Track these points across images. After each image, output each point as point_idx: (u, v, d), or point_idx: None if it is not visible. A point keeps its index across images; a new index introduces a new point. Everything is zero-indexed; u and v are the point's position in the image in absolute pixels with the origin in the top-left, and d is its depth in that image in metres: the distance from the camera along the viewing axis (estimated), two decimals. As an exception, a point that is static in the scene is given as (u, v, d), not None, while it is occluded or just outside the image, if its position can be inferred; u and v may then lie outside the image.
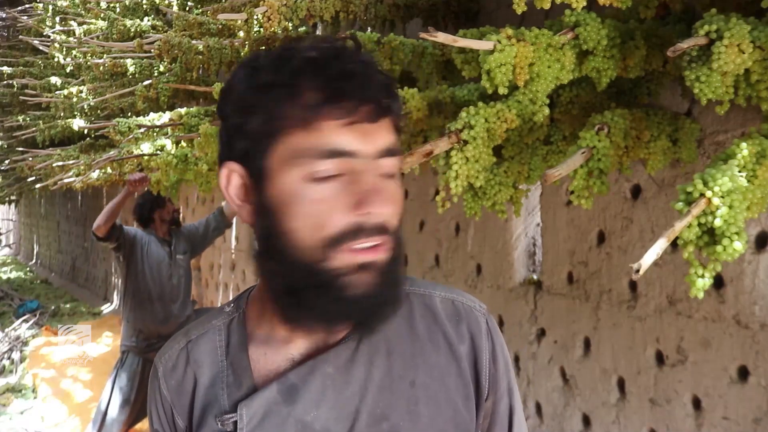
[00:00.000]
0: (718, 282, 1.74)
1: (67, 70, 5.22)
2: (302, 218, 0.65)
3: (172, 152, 2.96)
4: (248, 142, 0.68)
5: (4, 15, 8.41)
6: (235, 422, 0.69)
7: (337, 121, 0.64)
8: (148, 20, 3.78)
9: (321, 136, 0.64)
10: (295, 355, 0.73)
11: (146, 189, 3.62)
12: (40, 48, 5.31)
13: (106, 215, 3.37)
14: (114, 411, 3.55)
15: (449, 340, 0.76)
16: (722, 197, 1.05)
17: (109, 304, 8.34)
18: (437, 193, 2.71)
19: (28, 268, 13.30)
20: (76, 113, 4.82)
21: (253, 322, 0.77)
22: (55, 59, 5.01)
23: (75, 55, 4.27)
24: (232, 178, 0.71)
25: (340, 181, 0.65)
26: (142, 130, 3.09)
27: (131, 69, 3.32)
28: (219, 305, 5.43)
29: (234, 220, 5.06)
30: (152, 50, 2.66)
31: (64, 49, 4.36)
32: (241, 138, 0.69)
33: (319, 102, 0.64)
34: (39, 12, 5.71)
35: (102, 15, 3.74)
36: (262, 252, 0.70)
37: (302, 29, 2.96)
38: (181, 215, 6.15)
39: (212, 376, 0.74)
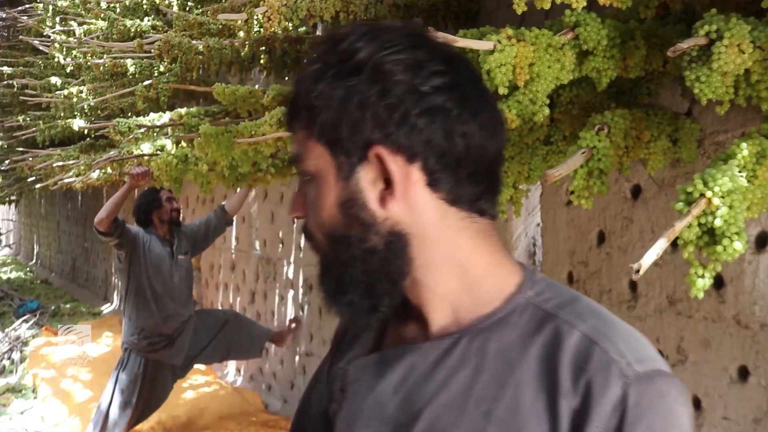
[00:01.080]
0: (718, 282, 1.74)
1: (67, 70, 5.22)
2: None
3: (172, 152, 2.96)
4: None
5: (4, 15, 8.41)
6: (345, 374, 0.73)
7: None
8: (148, 20, 3.78)
9: None
10: (404, 333, 0.71)
11: (146, 186, 3.62)
12: (40, 48, 5.31)
13: (108, 209, 3.36)
14: (116, 412, 3.55)
15: (555, 387, 0.60)
16: (722, 197, 1.05)
17: (109, 304, 8.35)
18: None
19: (28, 268, 13.30)
20: (76, 113, 4.83)
21: None
22: (55, 59, 5.02)
23: (75, 55, 4.27)
24: None
25: None
26: (142, 130, 3.09)
27: (131, 69, 3.32)
28: (219, 305, 5.43)
29: (235, 219, 5.06)
30: (152, 50, 2.66)
31: (64, 49, 4.37)
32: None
33: None
34: (39, 12, 5.71)
35: (102, 15, 3.74)
36: None
37: (302, 29, 2.96)
38: (181, 216, 6.16)
39: (359, 331, 0.78)
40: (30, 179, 7.18)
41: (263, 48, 2.74)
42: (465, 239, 0.66)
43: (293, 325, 4.19)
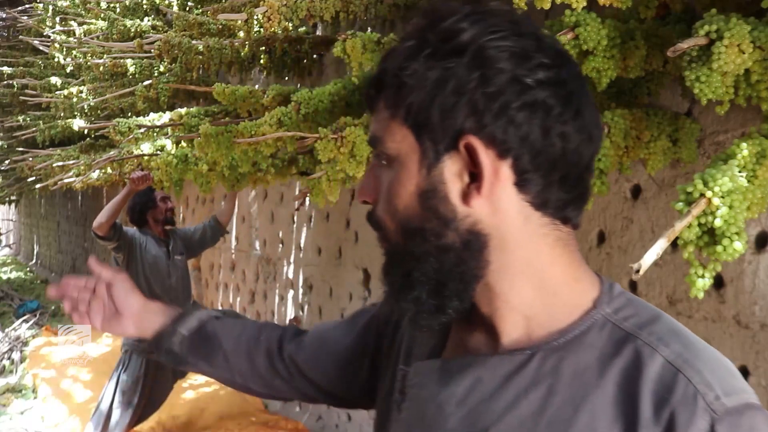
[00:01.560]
0: (718, 282, 1.74)
1: (67, 70, 5.22)
2: None
3: (172, 152, 2.96)
4: None
5: (4, 15, 8.41)
6: (405, 376, 0.70)
7: None
8: (148, 20, 3.78)
9: None
10: (468, 342, 0.67)
11: (138, 193, 3.62)
12: (40, 48, 5.32)
13: (108, 214, 3.36)
14: (117, 413, 3.55)
15: (635, 416, 0.56)
16: (722, 197, 1.05)
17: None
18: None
19: (28, 268, 13.30)
20: (76, 113, 4.83)
21: None
22: (55, 59, 5.02)
23: (75, 55, 4.27)
24: None
25: None
26: (142, 130, 3.09)
27: (131, 69, 3.32)
28: (219, 305, 5.43)
29: (235, 219, 5.06)
30: (152, 50, 2.66)
31: (64, 49, 4.36)
32: None
33: None
34: (39, 12, 5.71)
35: (102, 15, 3.74)
36: None
37: (302, 29, 2.96)
38: (181, 215, 6.16)
39: (416, 332, 0.75)
40: (30, 179, 7.18)
41: (263, 48, 2.74)
42: (545, 247, 0.61)
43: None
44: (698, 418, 0.54)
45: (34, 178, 6.77)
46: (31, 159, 5.62)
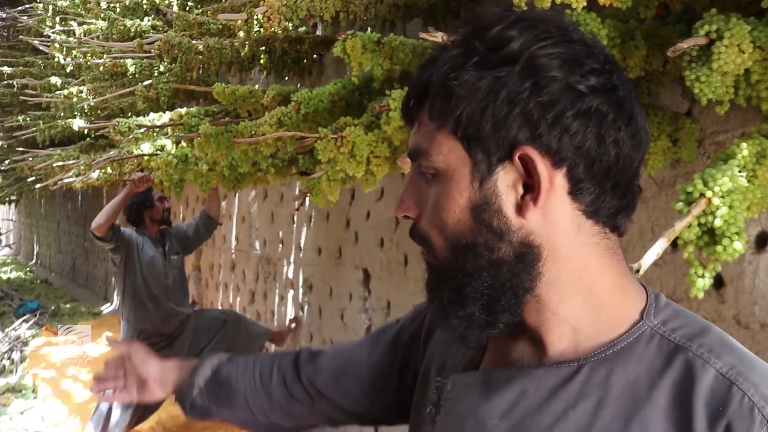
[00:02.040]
0: (718, 282, 1.74)
1: (67, 70, 5.22)
2: None
3: (172, 152, 2.96)
4: None
5: (4, 15, 8.41)
6: (441, 388, 0.69)
7: None
8: (148, 20, 3.78)
9: None
10: (511, 353, 0.65)
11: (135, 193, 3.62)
12: (40, 48, 5.31)
13: (107, 215, 3.37)
14: (117, 413, 3.56)
15: (689, 430, 0.54)
16: (722, 197, 1.05)
17: (109, 304, 8.34)
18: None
19: (28, 268, 13.30)
20: (76, 113, 4.83)
21: None
22: (55, 59, 5.02)
23: (75, 55, 4.27)
24: None
25: None
26: (142, 130, 3.09)
27: (131, 69, 3.32)
28: (219, 305, 5.42)
29: (235, 219, 5.06)
30: (152, 50, 2.66)
31: (64, 49, 4.36)
32: None
33: None
34: (39, 12, 5.71)
35: (102, 15, 3.74)
36: None
37: (302, 29, 2.96)
38: (181, 215, 6.16)
39: (448, 342, 0.75)
40: (30, 179, 7.18)
41: (263, 48, 2.74)
42: (595, 257, 0.60)
43: (293, 325, 4.20)
44: (756, 429, 0.53)
45: (34, 178, 6.77)
46: (31, 159, 5.62)
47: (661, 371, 0.57)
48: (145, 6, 4.00)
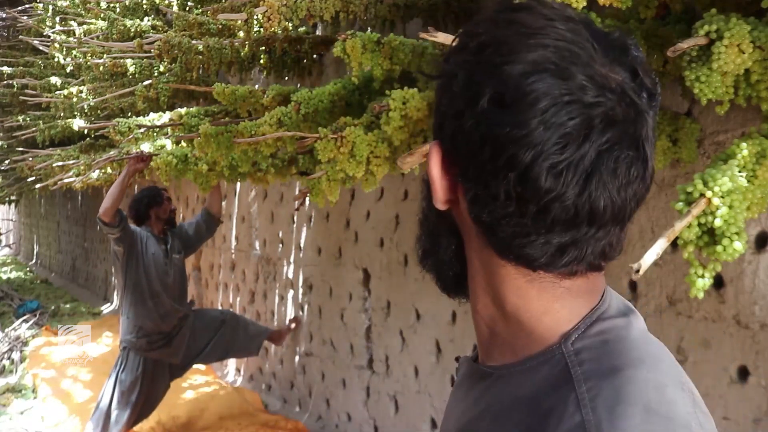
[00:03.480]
0: (718, 282, 1.74)
1: (67, 70, 5.22)
2: None
3: (172, 152, 2.96)
4: None
5: (4, 15, 8.41)
6: (457, 369, 0.74)
7: None
8: (148, 20, 3.78)
9: None
10: (505, 350, 0.65)
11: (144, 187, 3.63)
12: (40, 48, 5.31)
13: (112, 198, 3.33)
14: (116, 412, 3.56)
15: None
16: (722, 197, 1.05)
17: (109, 304, 8.35)
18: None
19: (28, 268, 13.30)
20: (76, 113, 4.83)
21: None
22: (55, 59, 5.02)
23: (75, 55, 4.27)
24: None
25: None
26: (142, 130, 3.09)
27: (131, 69, 3.32)
28: (219, 305, 5.42)
29: (235, 219, 5.06)
30: (152, 50, 2.66)
31: (64, 49, 4.36)
32: None
33: None
34: (39, 12, 5.71)
35: (102, 15, 3.74)
36: None
37: (302, 29, 2.96)
38: (181, 215, 6.16)
39: None
40: (30, 179, 7.19)
41: (263, 48, 2.74)
42: (507, 277, 0.58)
43: (293, 325, 4.20)
44: None
45: (34, 178, 6.77)
46: (31, 159, 5.62)
47: (538, 402, 0.54)
48: (145, 6, 4.00)
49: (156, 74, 3.35)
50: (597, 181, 0.51)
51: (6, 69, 6.30)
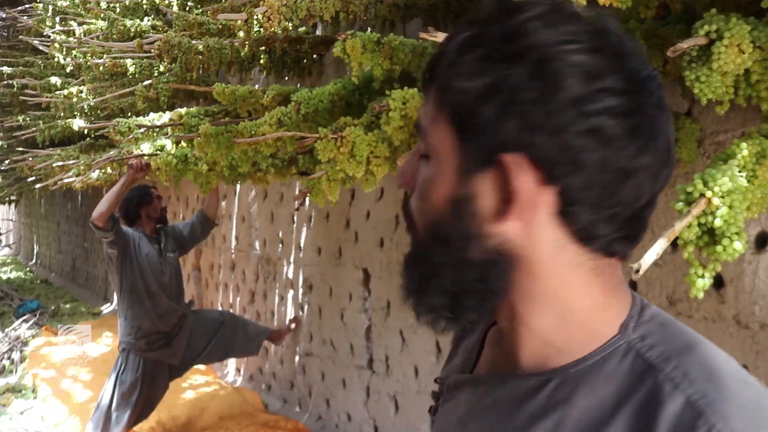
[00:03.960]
0: (718, 282, 1.74)
1: (67, 70, 5.22)
2: None
3: (172, 152, 2.96)
4: None
5: (4, 15, 8.41)
6: (441, 387, 0.70)
7: None
8: (148, 20, 3.78)
9: None
10: (495, 359, 0.65)
11: (137, 183, 3.62)
12: (40, 48, 5.31)
13: (107, 203, 3.34)
14: (117, 413, 3.56)
15: None
16: (722, 197, 1.05)
17: (109, 304, 8.34)
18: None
19: (28, 268, 13.30)
20: (76, 113, 4.83)
21: None
22: (55, 59, 5.02)
23: (75, 55, 4.27)
24: None
25: None
26: (142, 130, 3.09)
27: (131, 69, 3.32)
28: (219, 305, 5.42)
29: (235, 219, 5.06)
30: (152, 50, 2.66)
31: (64, 49, 4.36)
32: None
33: None
34: (39, 12, 5.71)
35: (102, 15, 3.74)
36: None
37: (302, 29, 2.96)
38: (180, 215, 6.16)
39: (471, 338, 0.74)
40: (30, 179, 7.19)
41: (263, 48, 2.74)
42: (576, 277, 0.55)
43: (293, 325, 4.20)
44: None
45: (34, 178, 6.77)
46: (31, 159, 5.62)
47: (628, 394, 0.52)
48: (145, 6, 4.00)
49: (156, 74, 3.35)
50: (651, 173, 0.54)
51: (6, 69, 6.30)
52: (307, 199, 3.36)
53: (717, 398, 0.49)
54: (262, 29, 2.27)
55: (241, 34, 2.78)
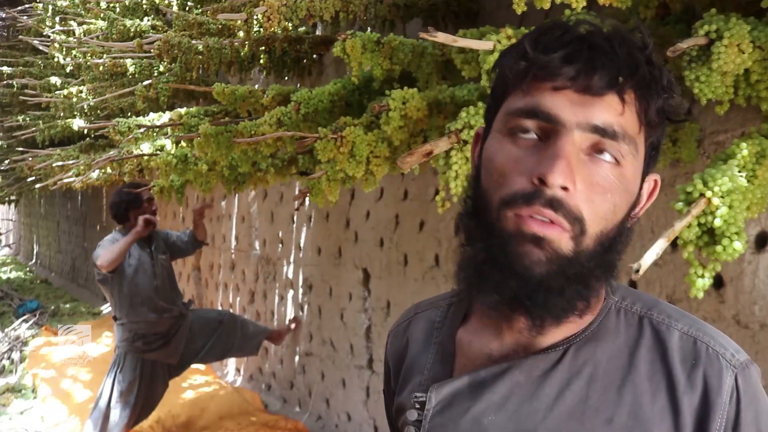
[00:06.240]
0: (718, 282, 1.74)
1: (67, 70, 5.22)
2: (493, 176, 0.63)
3: (172, 152, 2.96)
4: (490, 102, 0.70)
5: (4, 15, 8.41)
6: (424, 402, 0.70)
7: (546, 83, 0.62)
8: (148, 20, 3.78)
9: (529, 97, 0.62)
10: (495, 351, 0.68)
11: (125, 190, 3.63)
12: (40, 48, 5.31)
13: (118, 253, 3.44)
14: (116, 413, 3.55)
15: (673, 385, 0.62)
16: (722, 197, 1.05)
17: (108, 304, 8.34)
18: (437, 192, 2.72)
19: (28, 268, 13.29)
20: (76, 113, 4.82)
21: (474, 307, 0.74)
22: (55, 59, 5.01)
23: (75, 55, 4.27)
24: (477, 140, 0.73)
25: (534, 144, 0.62)
26: (141, 130, 3.09)
27: (131, 69, 3.32)
28: (219, 305, 5.42)
29: (234, 219, 5.05)
30: (152, 50, 2.66)
31: (64, 49, 4.36)
32: (488, 100, 0.71)
33: (534, 64, 0.62)
34: (39, 12, 5.71)
35: (102, 15, 3.74)
36: (463, 215, 0.68)
37: (302, 29, 2.96)
38: (180, 215, 6.16)
39: (420, 352, 0.77)
40: (30, 179, 7.18)
41: (263, 48, 2.74)
42: None
43: (293, 325, 4.19)
44: (725, 374, 0.63)
45: (34, 178, 6.77)
46: (30, 159, 5.62)
47: (636, 339, 0.66)
48: (145, 6, 4.00)
49: (156, 74, 3.35)
50: None
51: (6, 69, 6.30)
52: (307, 199, 3.36)
53: (699, 327, 0.66)
54: (261, 29, 2.27)
55: (241, 34, 2.78)
